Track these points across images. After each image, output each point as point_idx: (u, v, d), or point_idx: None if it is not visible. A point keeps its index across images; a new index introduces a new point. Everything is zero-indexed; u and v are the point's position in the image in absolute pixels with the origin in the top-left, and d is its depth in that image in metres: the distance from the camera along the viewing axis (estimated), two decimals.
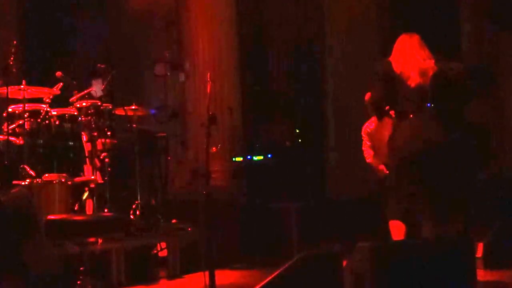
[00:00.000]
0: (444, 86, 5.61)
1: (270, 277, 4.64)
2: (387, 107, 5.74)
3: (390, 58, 5.71)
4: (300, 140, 10.55)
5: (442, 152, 5.52)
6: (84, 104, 7.14)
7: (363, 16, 9.90)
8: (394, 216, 5.51)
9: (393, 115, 5.70)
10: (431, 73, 5.55)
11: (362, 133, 7.76)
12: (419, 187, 5.47)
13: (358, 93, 8.02)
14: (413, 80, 5.55)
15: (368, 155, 7.71)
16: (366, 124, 7.79)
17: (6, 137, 6.51)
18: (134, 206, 7.21)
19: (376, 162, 7.62)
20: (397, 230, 5.46)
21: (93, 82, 8.06)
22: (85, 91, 7.43)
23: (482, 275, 5.82)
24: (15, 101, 6.87)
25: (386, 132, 7.10)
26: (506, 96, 9.74)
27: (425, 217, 5.56)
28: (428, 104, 5.60)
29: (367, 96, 7.86)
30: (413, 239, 5.47)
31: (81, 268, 5.45)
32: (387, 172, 6.83)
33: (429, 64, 5.60)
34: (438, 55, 5.73)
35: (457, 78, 5.62)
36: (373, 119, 7.80)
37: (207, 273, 5.61)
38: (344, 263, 4.91)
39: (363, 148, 7.79)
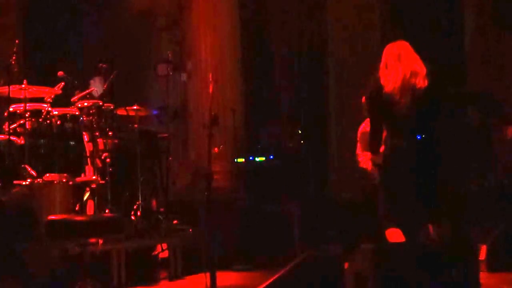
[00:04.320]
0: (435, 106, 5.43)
1: (272, 278, 4.63)
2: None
3: (380, 73, 5.40)
4: (302, 141, 10.53)
5: (433, 166, 5.44)
6: (85, 104, 7.13)
7: (366, 18, 9.88)
8: (391, 224, 5.43)
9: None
10: (422, 84, 5.27)
11: (358, 134, 7.75)
12: (412, 195, 5.39)
13: (360, 94, 8.01)
14: (402, 105, 5.27)
15: (363, 160, 7.69)
16: (363, 125, 7.78)
17: (7, 136, 6.49)
18: (135, 207, 7.19)
19: (371, 167, 7.61)
20: (395, 237, 5.39)
21: (92, 81, 8.05)
22: (87, 91, 7.42)
23: (485, 277, 5.79)
24: (16, 101, 6.85)
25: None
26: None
27: (421, 221, 5.50)
28: (419, 137, 5.38)
29: (364, 98, 7.84)
30: (416, 241, 5.44)
31: (82, 269, 5.43)
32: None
33: (421, 74, 5.28)
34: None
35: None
36: (368, 120, 7.79)
37: (208, 274, 5.60)
38: (346, 264, 4.89)
39: (357, 152, 7.78)
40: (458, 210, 7.60)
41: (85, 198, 6.84)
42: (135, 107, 7.58)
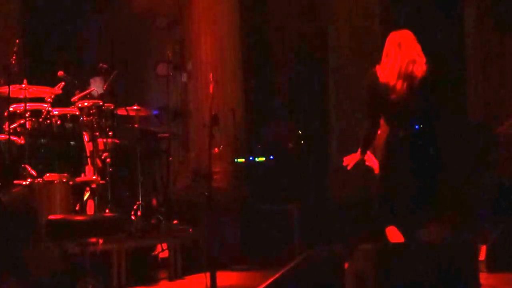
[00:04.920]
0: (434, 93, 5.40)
1: (272, 278, 4.62)
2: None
3: (378, 66, 5.38)
4: (302, 142, 10.52)
5: (429, 162, 5.42)
6: (86, 104, 7.14)
7: (366, 17, 9.87)
8: (389, 222, 5.42)
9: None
10: (419, 73, 5.24)
11: None
12: (412, 193, 5.38)
13: (360, 95, 8.01)
14: (399, 94, 5.24)
15: (368, 158, 7.65)
16: None
17: (7, 136, 6.50)
18: (135, 207, 7.19)
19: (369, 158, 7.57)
20: (395, 236, 5.39)
21: (92, 80, 8.06)
22: (87, 91, 7.42)
23: (485, 277, 5.79)
24: (17, 101, 6.85)
25: (383, 134, 7.08)
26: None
27: (421, 221, 5.50)
28: (417, 127, 5.35)
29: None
30: (416, 241, 5.44)
31: (82, 269, 5.43)
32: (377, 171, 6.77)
33: (420, 63, 5.26)
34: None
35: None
36: None
37: (208, 274, 5.60)
38: (346, 265, 4.89)
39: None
40: (458, 210, 7.60)
41: (85, 198, 6.84)
42: (135, 107, 7.59)
